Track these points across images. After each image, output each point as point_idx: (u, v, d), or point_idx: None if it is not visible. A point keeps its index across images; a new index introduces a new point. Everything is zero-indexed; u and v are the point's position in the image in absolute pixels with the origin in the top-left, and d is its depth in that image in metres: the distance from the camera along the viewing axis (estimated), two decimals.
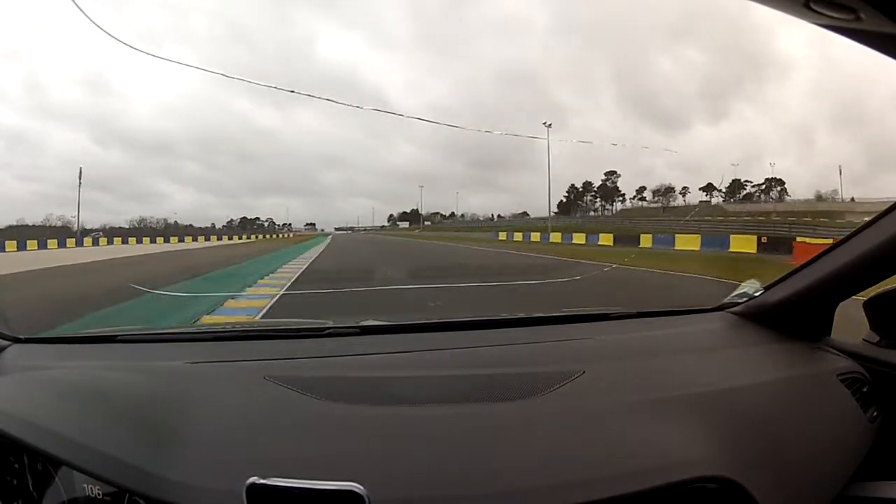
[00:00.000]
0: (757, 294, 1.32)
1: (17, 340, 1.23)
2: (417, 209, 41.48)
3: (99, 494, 0.77)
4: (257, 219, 37.43)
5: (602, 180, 39.97)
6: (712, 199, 36.15)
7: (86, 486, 0.78)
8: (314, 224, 38.52)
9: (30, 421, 0.84)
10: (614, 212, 39.37)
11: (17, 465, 0.84)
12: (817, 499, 0.86)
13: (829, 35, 0.59)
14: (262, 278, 10.83)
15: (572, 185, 40.24)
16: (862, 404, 1.04)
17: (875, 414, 1.06)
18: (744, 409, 0.90)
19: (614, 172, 39.62)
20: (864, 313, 1.20)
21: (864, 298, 1.19)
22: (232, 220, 37.04)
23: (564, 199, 39.92)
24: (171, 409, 0.86)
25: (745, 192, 36.00)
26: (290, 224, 37.59)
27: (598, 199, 40.21)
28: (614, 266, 11.27)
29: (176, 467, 0.74)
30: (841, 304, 1.22)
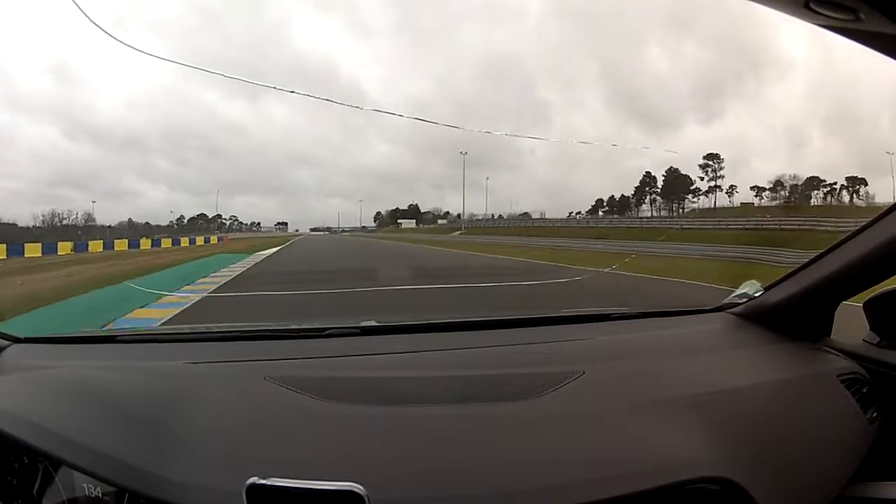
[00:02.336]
0: (757, 294, 1.32)
1: (17, 340, 1.23)
2: (418, 205, 34.80)
3: (99, 494, 0.77)
4: (219, 216, 31.78)
5: (700, 165, 26.40)
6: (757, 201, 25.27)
7: (86, 485, 0.78)
8: (286, 224, 33.80)
9: (30, 421, 0.84)
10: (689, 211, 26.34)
11: (17, 465, 0.84)
12: (817, 499, 0.86)
13: None
14: None
15: (647, 172, 27.55)
16: (862, 405, 1.04)
17: (875, 414, 1.06)
18: (744, 409, 0.90)
19: (716, 156, 26.27)
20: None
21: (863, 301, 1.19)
22: (182, 217, 30.69)
23: (632, 195, 27.92)
24: (171, 409, 0.86)
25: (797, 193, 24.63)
26: (258, 223, 33.19)
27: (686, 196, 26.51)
28: None
29: (176, 467, 0.74)
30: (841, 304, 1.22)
